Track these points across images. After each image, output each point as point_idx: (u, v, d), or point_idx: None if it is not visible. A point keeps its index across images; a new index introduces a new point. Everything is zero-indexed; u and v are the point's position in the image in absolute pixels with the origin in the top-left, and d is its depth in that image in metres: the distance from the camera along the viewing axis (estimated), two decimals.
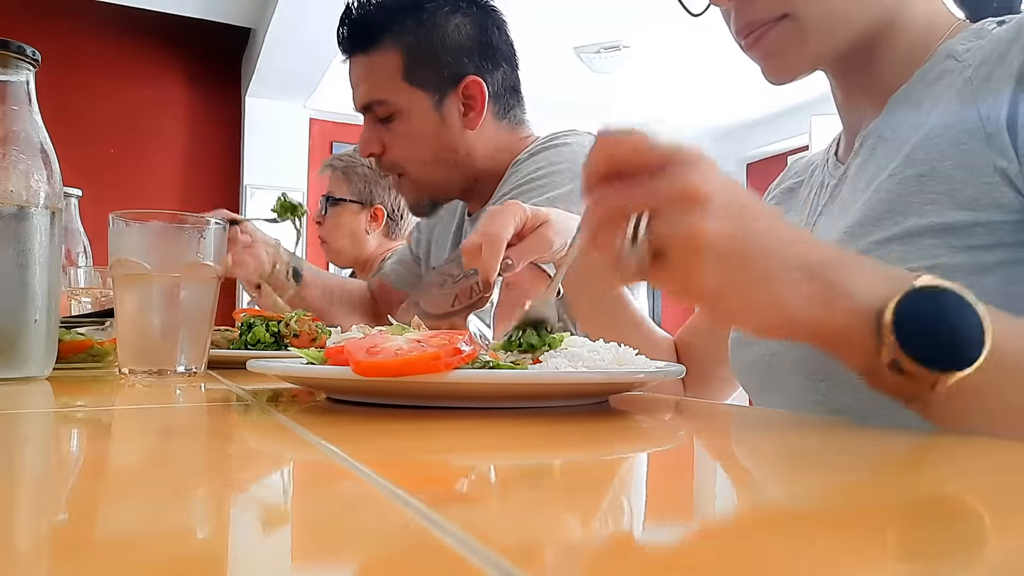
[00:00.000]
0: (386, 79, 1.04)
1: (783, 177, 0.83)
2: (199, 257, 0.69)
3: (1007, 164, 0.51)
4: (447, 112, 1.06)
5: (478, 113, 1.06)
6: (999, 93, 0.52)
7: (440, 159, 1.07)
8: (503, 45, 1.10)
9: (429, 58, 1.04)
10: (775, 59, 0.62)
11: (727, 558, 0.17)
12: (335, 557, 0.17)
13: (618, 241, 0.37)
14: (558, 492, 0.25)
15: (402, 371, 0.39)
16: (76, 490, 0.25)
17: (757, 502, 0.24)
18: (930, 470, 0.30)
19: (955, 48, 0.58)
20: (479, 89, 1.05)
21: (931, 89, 0.58)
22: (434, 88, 1.05)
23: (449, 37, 1.04)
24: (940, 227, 0.52)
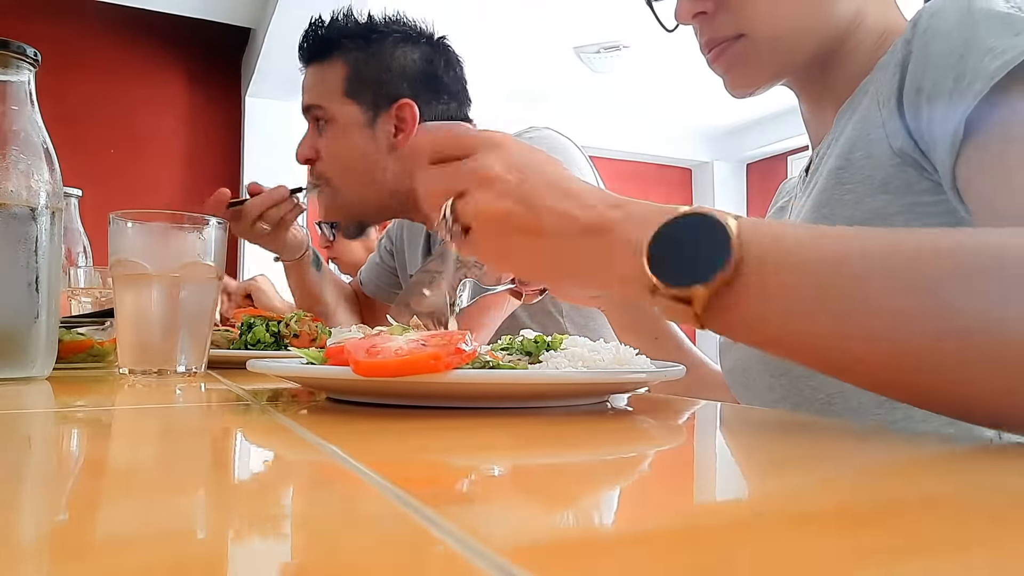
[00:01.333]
0: (328, 88, 1.12)
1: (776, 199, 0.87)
2: (199, 257, 0.69)
3: (903, 143, 0.53)
4: (378, 130, 1.11)
5: (407, 135, 1.11)
6: (889, 82, 0.55)
7: (365, 174, 1.12)
8: (449, 80, 1.15)
9: (370, 76, 1.11)
10: (734, 73, 0.66)
11: (727, 558, 0.17)
12: (335, 557, 0.17)
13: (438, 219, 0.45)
14: (558, 492, 0.25)
15: (402, 371, 0.39)
16: (76, 490, 0.25)
17: (757, 502, 0.24)
18: (930, 470, 0.30)
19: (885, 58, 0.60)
20: (411, 112, 1.11)
21: (865, 98, 0.61)
22: (369, 104, 1.11)
23: (394, 61, 1.12)
24: (862, 215, 0.55)
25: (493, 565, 0.16)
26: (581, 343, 0.50)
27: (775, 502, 0.24)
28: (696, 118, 5.08)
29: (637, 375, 0.45)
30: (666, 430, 0.42)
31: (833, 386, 0.56)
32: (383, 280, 1.41)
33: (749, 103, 4.73)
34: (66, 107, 3.39)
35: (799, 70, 0.65)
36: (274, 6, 3.05)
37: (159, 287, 0.67)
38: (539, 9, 3.40)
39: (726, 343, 0.70)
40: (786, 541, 0.18)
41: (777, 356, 0.39)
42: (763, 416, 0.49)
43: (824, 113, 0.68)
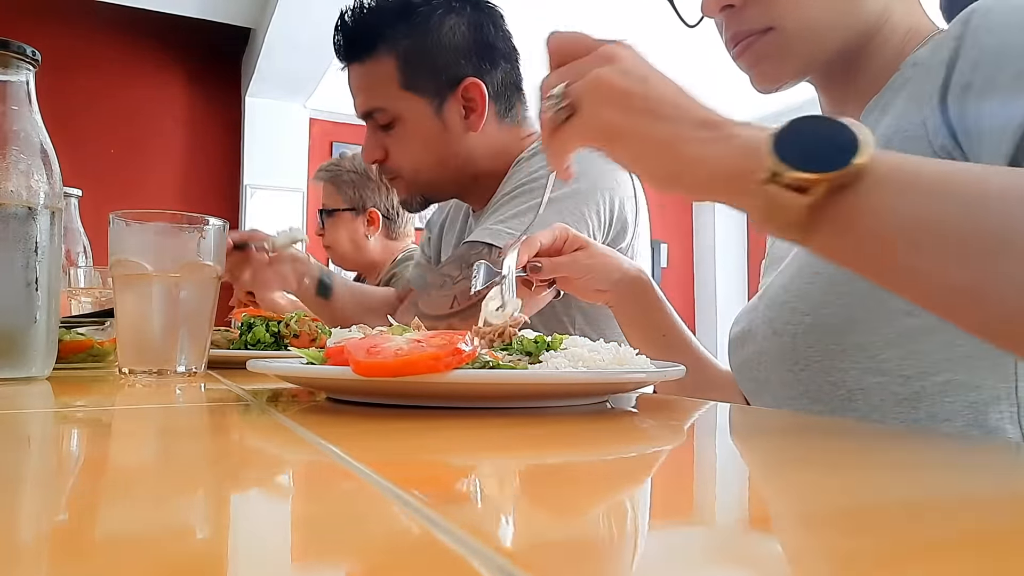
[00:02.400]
0: (383, 87, 1.04)
1: None
2: (199, 257, 0.69)
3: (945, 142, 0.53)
4: (448, 116, 1.05)
5: (479, 115, 1.05)
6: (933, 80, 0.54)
7: (440, 164, 1.07)
8: (501, 42, 1.08)
9: (425, 63, 1.03)
10: (761, 68, 0.65)
11: (728, 558, 0.17)
12: (335, 557, 0.17)
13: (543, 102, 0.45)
14: (558, 492, 0.25)
15: (402, 371, 0.39)
16: (76, 490, 0.25)
17: (758, 502, 0.24)
18: (930, 470, 0.30)
19: (920, 56, 0.60)
20: (479, 91, 1.04)
21: (897, 96, 0.60)
22: (433, 93, 1.04)
23: (444, 39, 1.03)
24: None
25: (493, 565, 0.16)
26: (581, 343, 0.50)
27: (775, 502, 0.23)
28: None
29: (637, 375, 0.45)
30: (667, 430, 0.42)
31: (854, 382, 0.56)
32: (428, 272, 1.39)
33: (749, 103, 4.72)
34: (66, 107, 3.39)
35: (825, 65, 0.64)
36: (274, 6, 3.05)
37: (159, 287, 0.67)
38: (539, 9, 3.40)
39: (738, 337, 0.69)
40: (786, 541, 0.18)
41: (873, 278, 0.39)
42: (765, 417, 0.49)
43: (846, 109, 0.67)
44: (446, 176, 1.08)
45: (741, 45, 0.64)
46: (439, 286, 0.96)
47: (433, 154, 1.06)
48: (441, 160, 1.07)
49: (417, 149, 1.06)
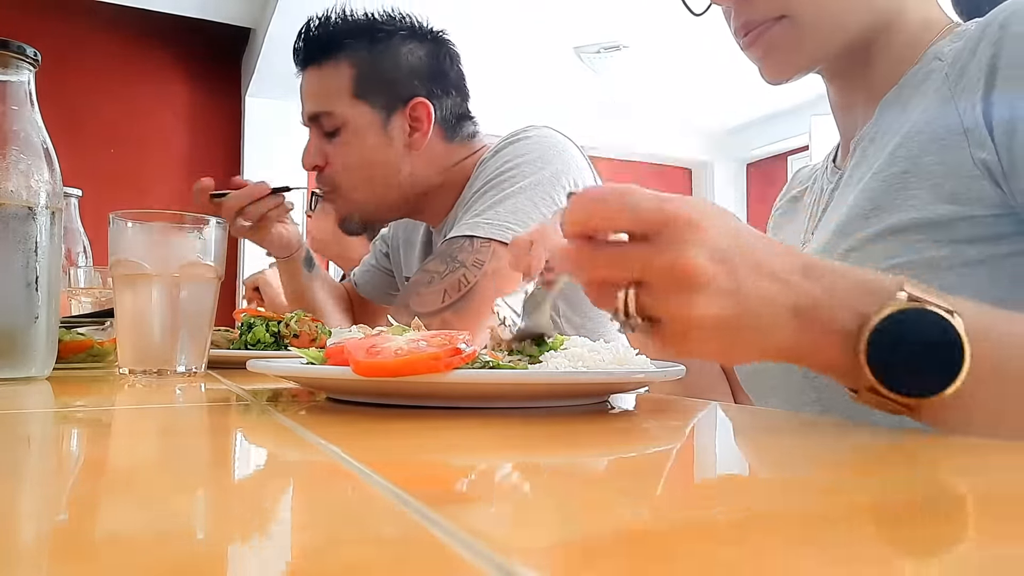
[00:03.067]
0: (335, 92, 1.06)
1: (788, 187, 0.84)
2: (199, 257, 0.69)
3: (987, 156, 0.51)
4: (392, 130, 1.07)
5: (423, 135, 1.08)
6: (973, 88, 0.53)
7: (379, 177, 1.09)
8: (454, 75, 1.12)
9: (380, 76, 1.06)
10: (772, 58, 0.63)
11: (728, 558, 0.17)
12: (335, 557, 0.17)
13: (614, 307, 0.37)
14: (558, 492, 0.25)
15: (402, 371, 0.39)
16: (76, 490, 0.25)
17: (758, 502, 0.24)
18: (930, 470, 0.30)
19: (941, 49, 0.59)
20: (426, 111, 1.07)
21: (917, 90, 0.59)
22: (382, 105, 1.07)
23: (402, 58, 1.07)
24: (923, 222, 0.53)
25: (493, 565, 0.16)
26: (581, 343, 0.50)
27: (776, 502, 0.23)
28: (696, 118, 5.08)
29: (637, 375, 0.45)
30: (667, 430, 0.42)
31: None
32: (378, 281, 1.40)
33: (749, 103, 4.73)
34: (66, 107, 3.39)
35: (837, 57, 0.63)
36: (274, 6, 3.05)
37: (159, 287, 0.67)
38: (539, 9, 3.40)
39: None
40: (787, 541, 0.18)
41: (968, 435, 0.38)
42: (766, 417, 0.49)
43: (857, 101, 0.66)
44: (386, 196, 1.10)
45: (752, 34, 0.62)
46: (427, 283, 0.97)
47: (371, 168, 1.08)
48: (380, 173, 1.08)
49: (357, 159, 1.08)
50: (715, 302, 0.36)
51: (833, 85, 0.68)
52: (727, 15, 0.65)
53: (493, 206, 0.98)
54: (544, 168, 1.01)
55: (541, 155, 1.02)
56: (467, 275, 0.94)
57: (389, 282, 1.39)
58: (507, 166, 1.02)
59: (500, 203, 0.98)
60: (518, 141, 1.06)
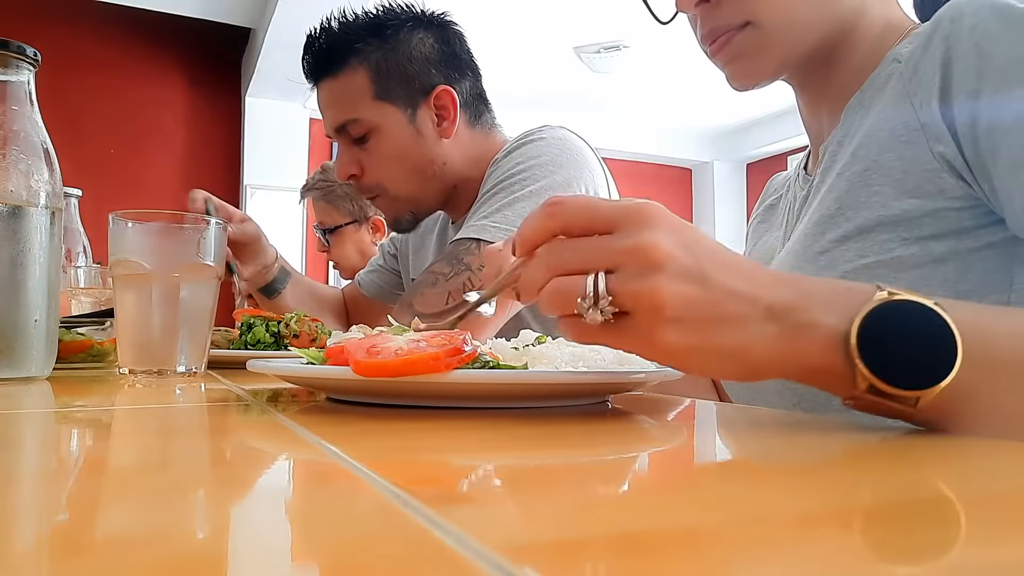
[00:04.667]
0: (357, 98, 1.05)
1: (764, 195, 0.85)
2: (199, 257, 0.69)
3: (944, 149, 0.52)
4: (421, 124, 1.06)
5: (451, 122, 1.07)
6: (928, 84, 0.53)
7: (418, 172, 1.08)
8: (465, 55, 1.11)
9: (397, 72, 1.05)
10: (738, 65, 0.64)
11: (728, 558, 0.17)
12: (335, 557, 0.17)
13: (577, 301, 0.36)
14: (558, 492, 0.25)
15: (402, 371, 0.39)
16: (76, 490, 0.25)
17: (759, 502, 0.24)
18: (932, 470, 0.30)
19: (900, 51, 0.59)
20: (450, 97, 1.06)
21: (880, 93, 0.59)
22: (405, 101, 1.05)
23: (415, 50, 1.06)
24: (888, 219, 0.54)
25: (493, 565, 0.16)
26: None
27: (776, 502, 0.23)
28: (696, 118, 5.08)
29: (637, 375, 0.45)
30: (666, 430, 0.42)
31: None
32: (385, 281, 1.39)
33: (749, 103, 4.73)
34: (66, 107, 3.39)
35: (803, 62, 0.63)
36: (274, 6, 3.06)
37: (159, 287, 0.67)
38: (539, 9, 3.40)
39: None
40: (787, 541, 0.18)
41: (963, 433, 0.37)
42: (766, 416, 0.49)
43: (823, 107, 0.66)
44: (428, 186, 1.09)
45: (718, 42, 0.63)
46: (431, 284, 0.97)
47: (410, 163, 1.07)
48: (419, 169, 1.08)
49: (394, 159, 1.07)
50: (680, 284, 0.35)
51: (800, 92, 0.69)
52: (693, 23, 0.65)
53: (502, 209, 0.97)
54: (557, 172, 0.99)
55: (554, 158, 1.01)
56: (472, 279, 0.93)
57: (396, 282, 1.39)
58: (519, 168, 1.01)
59: (509, 206, 0.97)
60: (531, 142, 1.05)
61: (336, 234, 1.85)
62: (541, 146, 1.03)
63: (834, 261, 0.57)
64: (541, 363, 0.47)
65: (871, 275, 0.54)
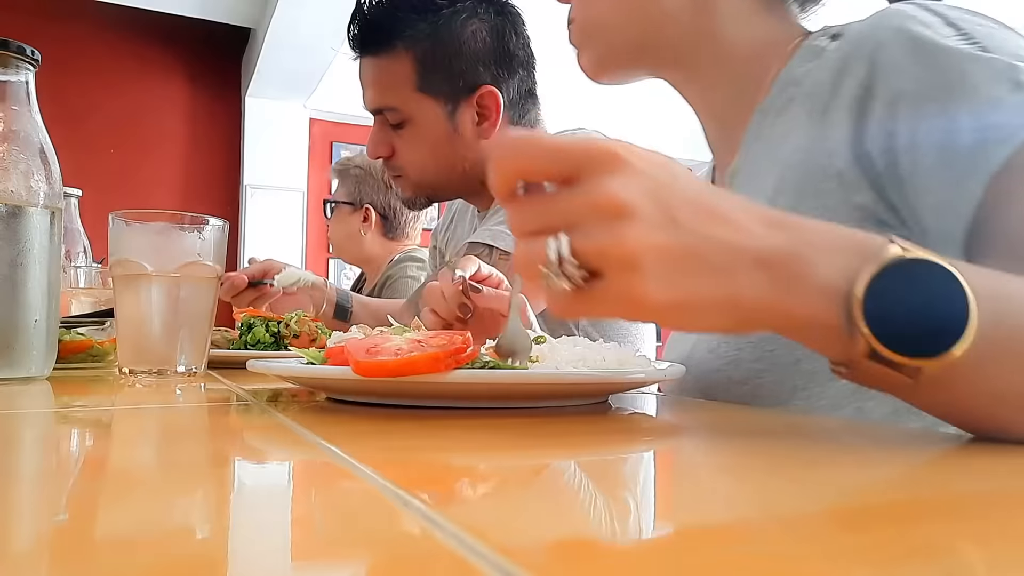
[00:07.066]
0: (398, 86, 1.02)
1: None
2: (199, 257, 0.69)
3: (863, 199, 0.49)
4: (460, 121, 1.03)
5: (492, 124, 1.04)
6: (839, 127, 0.50)
7: (448, 167, 1.06)
8: (520, 50, 1.06)
9: (443, 66, 1.01)
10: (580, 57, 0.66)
11: (729, 558, 0.17)
12: (335, 557, 0.17)
13: (540, 268, 0.32)
14: (558, 492, 0.25)
15: (402, 371, 0.39)
16: (76, 490, 0.25)
17: (759, 501, 0.24)
18: (933, 469, 0.30)
19: (795, 72, 0.57)
20: (494, 100, 1.03)
21: (779, 120, 0.57)
22: (447, 97, 1.02)
23: (465, 45, 1.01)
24: None
25: (493, 565, 0.16)
26: (581, 343, 0.50)
27: (776, 501, 0.23)
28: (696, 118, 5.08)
29: (637, 375, 0.45)
30: (667, 430, 0.42)
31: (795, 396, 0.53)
32: None
33: None
34: (66, 107, 3.39)
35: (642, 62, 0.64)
36: (274, 6, 3.05)
37: (159, 287, 0.67)
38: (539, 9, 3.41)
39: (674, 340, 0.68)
40: (787, 541, 0.18)
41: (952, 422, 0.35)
42: (766, 416, 0.49)
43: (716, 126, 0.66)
44: (452, 180, 1.08)
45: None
46: None
47: (441, 158, 1.05)
48: (449, 165, 1.06)
49: (426, 152, 1.05)
50: (650, 233, 0.31)
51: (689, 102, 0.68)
52: None
53: None
54: None
55: None
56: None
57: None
58: None
59: None
60: None
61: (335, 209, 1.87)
62: None
63: None
64: (541, 363, 0.47)
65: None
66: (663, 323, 0.33)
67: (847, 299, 0.31)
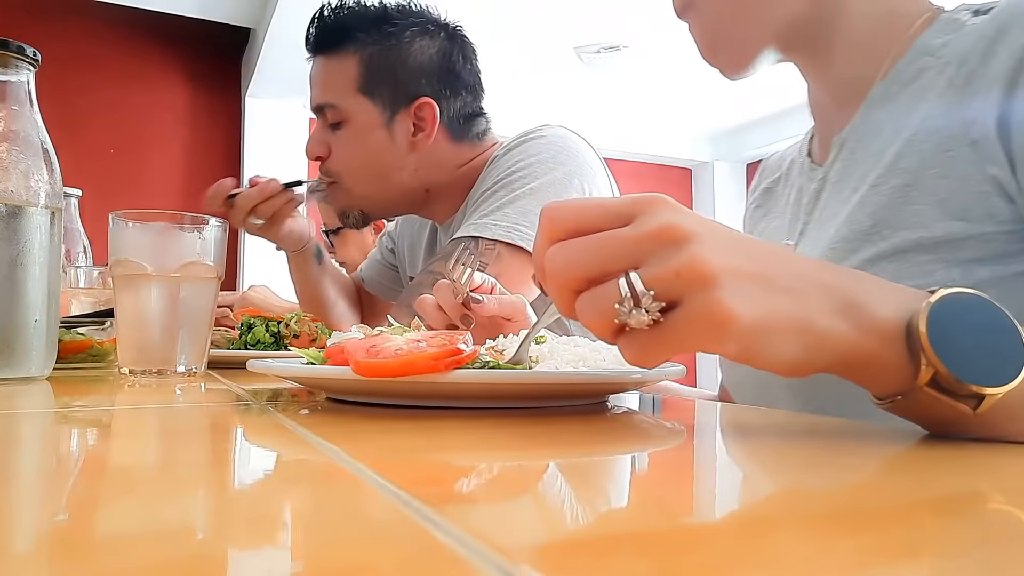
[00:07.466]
0: (341, 85, 1.06)
1: (759, 178, 0.82)
2: (199, 257, 0.69)
3: (998, 172, 0.48)
4: (396, 129, 1.06)
5: (427, 135, 1.07)
6: (985, 97, 0.49)
7: (380, 175, 1.08)
8: (467, 74, 1.10)
9: (386, 72, 1.05)
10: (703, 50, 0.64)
11: (729, 558, 0.17)
12: (335, 557, 0.17)
13: (615, 307, 0.31)
14: (558, 492, 0.25)
15: (402, 371, 0.39)
16: (76, 490, 0.25)
17: (759, 501, 0.24)
18: (934, 470, 0.30)
19: (930, 43, 0.56)
20: (431, 112, 1.06)
21: (908, 89, 0.56)
22: (386, 103, 1.06)
23: (411, 56, 1.06)
24: (930, 241, 0.50)
25: (493, 565, 0.16)
26: (582, 343, 0.50)
27: (776, 502, 0.23)
28: (696, 118, 5.08)
29: (637, 375, 0.45)
30: (667, 430, 0.42)
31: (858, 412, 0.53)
32: (384, 277, 1.40)
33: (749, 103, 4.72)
34: (66, 107, 3.39)
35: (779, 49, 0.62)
36: (274, 6, 3.05)
37: (159, 287, 0.67)
38: (539, 9, 3.40)
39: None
40: (787, 541, 0.18)
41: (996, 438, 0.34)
42: (766, 416, 0.49)
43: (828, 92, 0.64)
44: (387, 190, 1.09)
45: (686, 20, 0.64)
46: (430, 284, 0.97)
47: (374, 163, 1.08)
48: (381, 172, 1.08)
49: (359, 155, 1.08)
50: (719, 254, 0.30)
51: (807, 78, 0.66)
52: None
53: (502, 207, 0.98)
54: (556, 169, 1.00)
55: (554, 156, 1.01)
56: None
57: (394, 277, 1.39)
58: (518, 166, 1.01)
59: (509, 204, 0.97)
60: (531, 140, 1.05)
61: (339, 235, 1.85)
62: (541, 144, 1.03)
63: None
64: (541, 363, 0.47)
65: None
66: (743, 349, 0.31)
67: (905, 331, 0.32)
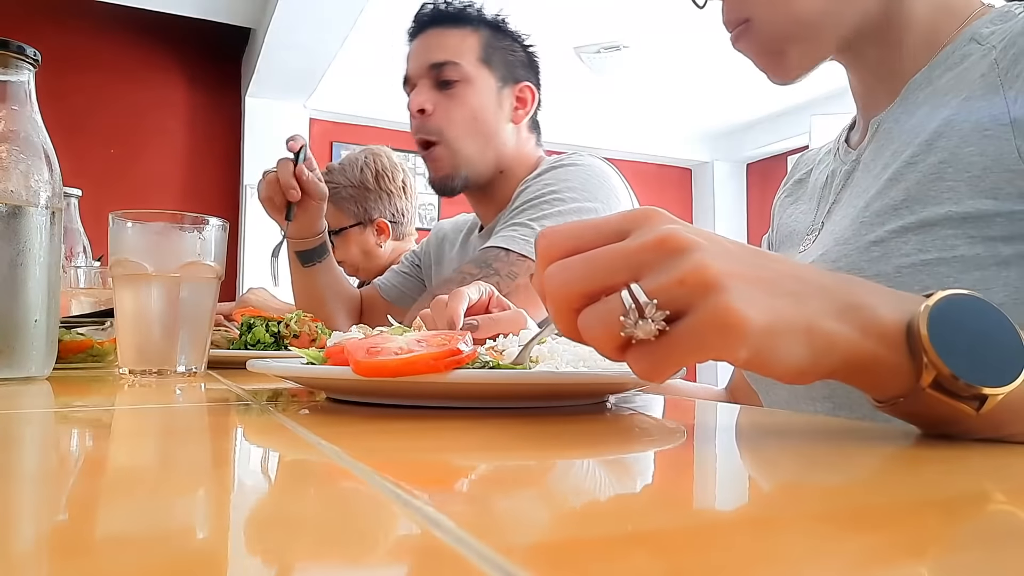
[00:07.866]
0: (464, 50, 1.16)
1: (792, 172, 0.82)
2: (199, 257, 0.69)
3: None
4: (503, 100, 1.18)
5: (525, 113, 1.20)
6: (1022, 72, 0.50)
7: (483, 136, 1.16)
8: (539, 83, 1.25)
9: (501, 53, 1.19)
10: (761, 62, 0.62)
11: (731, 558, 0.17)
12: (335, 557, 0.17)
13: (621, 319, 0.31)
14: (558, 492, 0.25)
15: (402, 371, 0.39)
16: (76, 490, 0.25)
17: (759, 502, 0.24)
18: (937, 470, 0.30)
19: (978, 31, 0.56)
20: (532, 95, 1.20)
21: (951, 73, 0.56)
22: (500, 76, 1.18)
23: (514, 48, 1.22)
24: (958, 216, 0.50)
25: (493, 565, 0.16)
26: None
27: (776, 502, 0.23)
28: (696, 118, 5.08)
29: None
30: (667, 430, 0.42)
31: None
32: (407, 286, 1.44)
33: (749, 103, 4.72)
34: (66, 107, 3.39)
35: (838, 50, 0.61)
36: (274, 6, 3.05)
37: (159, 287, 0.67)
38: (539, 9, 3.40)
39: None
40: (787, 541, 0.18)
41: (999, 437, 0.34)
42: (766, 416, 0.49)
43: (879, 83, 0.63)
44: (484, 153, 1.16)
45: (733, 34, 0.62)
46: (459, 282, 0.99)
47: (481, 123, 1.15)
48: (484, 133, 1.16)
49: (470, 113, 1.15)
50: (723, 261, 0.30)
51: (852, 69, 0.66)
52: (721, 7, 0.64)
53: (530, 223, 1.04)
54: (588, 199, 1.07)
55: (584, 183, 1.09)
56: (500, 283, 0.98)
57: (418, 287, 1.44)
58: (549, 188, 1.08)
59: (537, 221, 1.04)
60: (564, 167, 1.12)
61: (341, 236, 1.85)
62: (573, 171, 1.11)
63: (889, 253, 0.53)
64: (541, 363, 0.47)
65: (929, 272, 0.50)
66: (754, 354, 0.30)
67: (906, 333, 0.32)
